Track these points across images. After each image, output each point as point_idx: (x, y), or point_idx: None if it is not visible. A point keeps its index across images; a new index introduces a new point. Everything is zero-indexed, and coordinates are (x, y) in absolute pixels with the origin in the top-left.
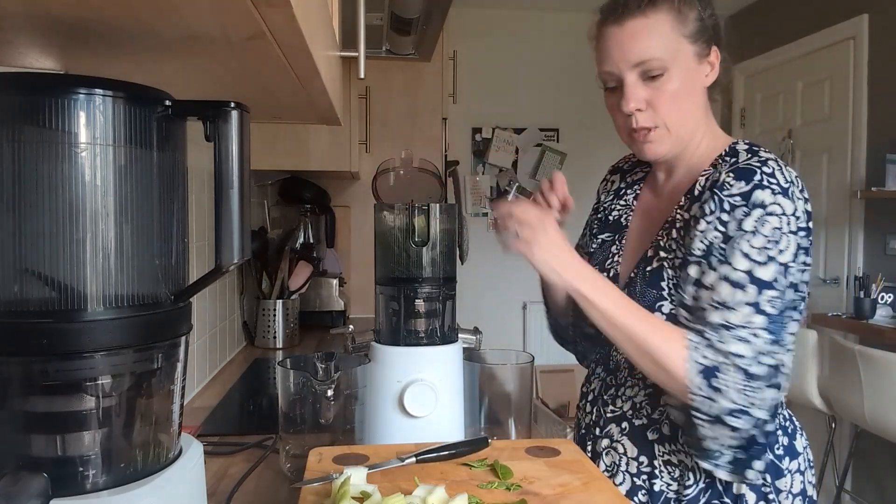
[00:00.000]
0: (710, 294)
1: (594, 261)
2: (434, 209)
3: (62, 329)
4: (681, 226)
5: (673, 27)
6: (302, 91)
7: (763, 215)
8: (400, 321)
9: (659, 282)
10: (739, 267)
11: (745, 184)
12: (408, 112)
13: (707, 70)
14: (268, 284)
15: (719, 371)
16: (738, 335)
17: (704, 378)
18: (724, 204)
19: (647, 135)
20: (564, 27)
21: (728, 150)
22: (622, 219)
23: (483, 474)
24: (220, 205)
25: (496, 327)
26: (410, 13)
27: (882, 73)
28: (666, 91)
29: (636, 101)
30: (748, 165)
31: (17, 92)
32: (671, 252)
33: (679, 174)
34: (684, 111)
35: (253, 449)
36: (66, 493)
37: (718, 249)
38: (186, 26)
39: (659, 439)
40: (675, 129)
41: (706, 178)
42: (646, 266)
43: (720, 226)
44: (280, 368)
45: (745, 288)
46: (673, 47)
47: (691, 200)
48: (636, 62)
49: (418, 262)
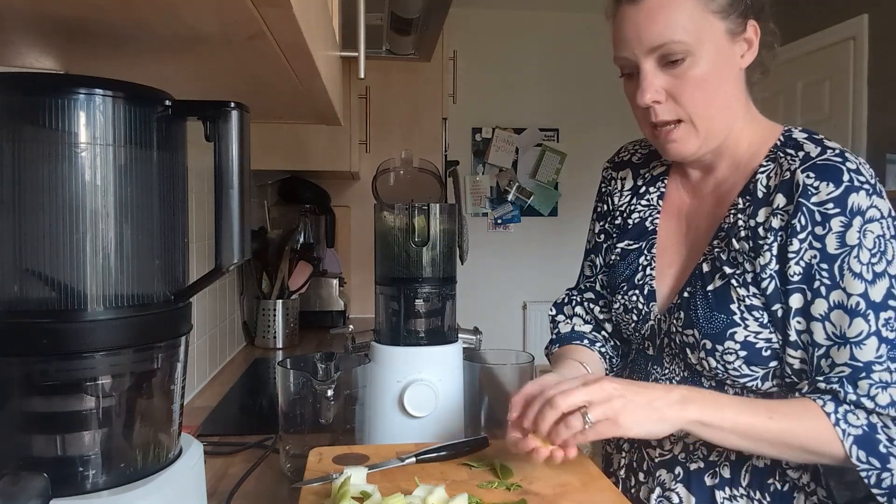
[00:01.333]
0: (825, 327)
1: (616, 274)
2: (434, 209)
3: (62, 329)
4: (746, 234)
5: (698, 3)
6: (302, 91)
7: (863, 224)
8: (400, 321)
9: (728, 304)
10: (854, 291)
11: (833, 186)
12: (408, 112)
13: (743, 49)
14: (268, 284)
15: (876, 433)
16: (878, 380)
17: (863, 449)
18: (815, 215)
19: (671, 132)
20: (564, 27)
21: (783, 139)
22: (647, 222)
23: (483, 474)
24: (220, 205)
25: (496, 327)
26: (410, 13)
27: (882, 73)
28: (690, 78)
29: (653, 92)
30: (828, 162)
31: (17, 92)
32: (737, 266)
33: (722, 171)
34: (714, 101)
35: (253, 449)
36: (66, 493)
37: (821, 270)
38: (186, 26)
39: (718, 484)
40: (702, 123)
41: (767, 174)
42: (705, 284)
43: (816, 242)
44: (280, 368)
45: (864, 316)
46: (698, 26)
47: (755, 203)
48: (653, 46)
49: (418, 262)
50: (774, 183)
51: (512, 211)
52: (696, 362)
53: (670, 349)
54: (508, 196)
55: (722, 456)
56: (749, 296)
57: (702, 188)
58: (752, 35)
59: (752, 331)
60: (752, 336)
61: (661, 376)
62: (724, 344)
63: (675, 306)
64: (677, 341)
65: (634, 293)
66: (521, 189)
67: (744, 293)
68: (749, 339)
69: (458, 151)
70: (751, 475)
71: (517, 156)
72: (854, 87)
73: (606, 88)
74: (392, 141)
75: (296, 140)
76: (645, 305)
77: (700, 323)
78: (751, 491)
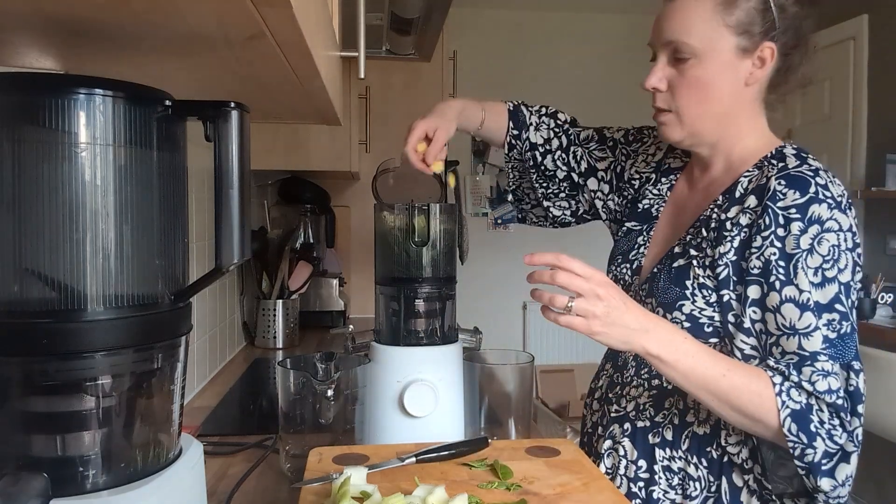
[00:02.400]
0: (776, 318)
1: (617, 249)
2: (434, 209)
3: (62, 329)
4: (715, 226)
5: (716, 13)
6: (302, 91)
7: (820, 233)
8: (400, 321)
9: (684, 280)
10: (805, 287)
11: (799, 195)
12: (408, 112)
13: (749, 67)
14: (268, 284)
15: (811, 413)
16: (820, 368)
17: (796, 423)
18: (779, 217)
19: (660, 116)
20: (565, 27)
21: (775, 152)
22: (653, 209)
23: (483, 474)
24: (220, 205)
25: (496, 327)
26: (410, 13)
27: (882, 73)
28: (689, 77)
29: (656, 79)
30: (800, 174)
31: (17, 92)
32: (701, 251)
33: (716, 170)
34: (703, 103)
35: (253, 449)
36: (66, 493)
37: (778, 267)
38: (186, 26)
39: (660, 443)
40: (688, 119)
41: (749, 179)
42: (671, 262)
43: (777, 241)
44: (280, 368)
45: (813, 311)
46: (709, 35)
47: (731, 201)
48: (667, 41)
49: (418, 262)
50: (751, 186)
51: (512, 211)
52: None
53: None
54: (508, 196)
55: (666, 419)
56: (703, 276)
57: (698, 184)
58: (766, 55)
59: (698, 306)
60: (697, 311)
61: None
62: (673, 314)
63: (646, 279)
64: None
65: (625, 266)
66: None
67: (700, 273)
68: (694, 314)
69: (458, 151)
70: (690, 441)
71: None
72: (854, 87)
73: (607, 88)
74: (392, 141)
75: (296, 140)
76: (630, 277)
77: (658, 293)
78: (689, 455)
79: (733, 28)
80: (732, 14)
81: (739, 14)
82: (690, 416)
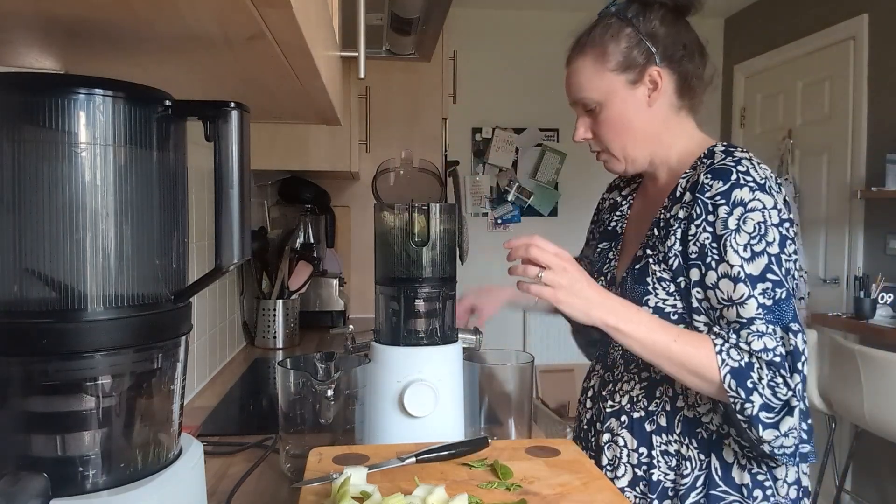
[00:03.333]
0: (716, 293)
1: (594, 268)
2: (434, 209)
3: (62, 329)
4: (663, 225)
5: (596, 66)
6: (302, 91)
7: (744, 213)
8: (400, 321)
9: (645, 277)
10: (735, 262)
11: (722, 183)
12: (408, 112)
13: (645, 91)
14: (268, 284)
15: (750, 371)
16: (756, 330)
17: (734, 379)
18: (707, 206)
19: (601, 157)
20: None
21: (706, 152)
22: (618, 227)
23: (483, 474)
24: (220, 205)
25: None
26: (410, 13)
27: (882, 73)
28: (603, 121)
29: (582, 132)
30: (723, 165)
31: (17, 92)
32: (655, 249)
33: (662, 179)
34: (624, 135)
35: (253, 449)
36: (66, 493)
37: (711, 249)
38: (186, 26)
39: (656, 430)
40: (619, 152)
41: (686, 179)
42: (635, 265)
43: (708, 227)
44: (280, 368)
45: (745, 282)
46: (598, 84)
47: (672, 201)
48: (574, 99)
49: (418, 262)
50: (689, 185)
51: (512, 211)
52: None
53: None
54: (508, 196)
55: (659, 406)
56: (660, 271)
57: (650, 195)
58: (655, 78)
59: (660, 298)
60: (661, 302)
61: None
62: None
63: (619, 284)
64: None
65: (602, 279)
66: (521, 189)
67: (656, 269)
68: (659, 305)
69: (458, 151)
70: (682, 424)
71: (517, 156)
72: (854, 87)
73: None
74: (392, 141)
75: (296, 140)
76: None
77: (626, 293)
78: (682, 437)
79: (616, 70)
80: (609, 61)
81: (616, 58)
82: (680, 402)
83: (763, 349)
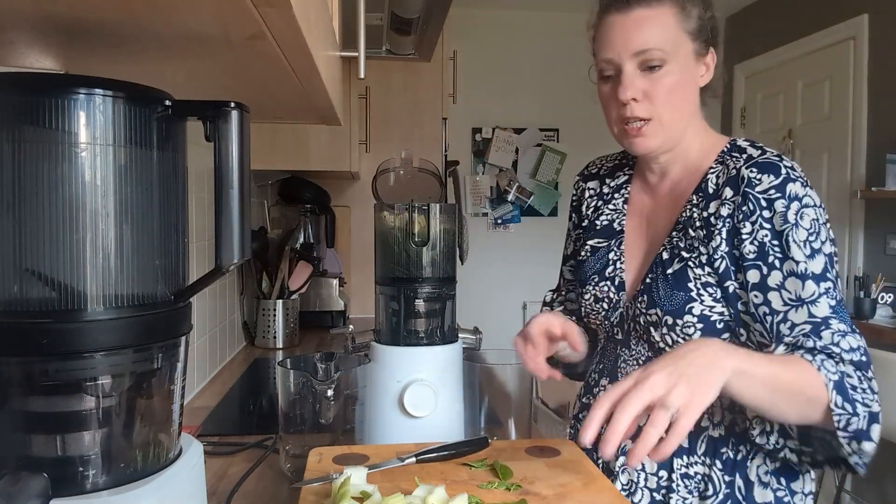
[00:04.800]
0: (781, 294)
1: (587, 268)
2: (434, 209)
3: (62, 329)
4: (700, 224)
5: (677, 21)
6: (302, 91)
7: (801, 208)
8: (400, 321)
9: (685, 283)
10: (800, 259)
11: (774, 177)
12: (408, 112)
13: (703, 70)
14: (268, 284)
15: (846, 378)
16: (838, 329)
17: (840, 394)
18: (760, 201)
19: (641, 128)
20: (564, 27)
21: (730, 146)
22: (615, 223)
23: (483, 474)
24: (220, 205)
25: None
26: (410, 13)
27: (882, 73)
28: (663, 84)
29: (633, 90)
30: (767, 160)
31: (17, 92)
32: (693, 251)
33: (676, 173)
34: (678, 107)
35: (253, 449)
36: (66, 493)
37: (773, 246)
38: (186, 26)
39: (677, 452)
40: (668, 123)
41: (716, 174)
42: (664, 269)
43: (765, 223)
44: (280, 368)
45: (813, 279)
46: (674, 41)
47: (706, 197)
48: (637, 51)
49: (418, 262)
50: (723, 180)
51: (512, 211)
52: (659, 339)
53: (636, 332)
54: (508, 196)
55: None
56: (704, 274)
57: (659, 191)
58: (710, 61)
59: (707, 305)
60: (707, 310)
61: (629, 357)
62: (684, 318)
63: (639, 292)
64: (642, 322)
65: (606, 284)
66: (521, 189)
67: (699, 272)
68: (705, 313)
69: (458, 151)
70: (706, 444)
71: (517, 156)
72: (854, 87)
73: None
74: (392, 141)
75: (296, 140)
76: (616, 294)
77: (661, 301)
78: (706, 458)
79: (691, 34)
80: (689, 21)
81: (695, 21)
82: (705, 421)
83: (850, 349)
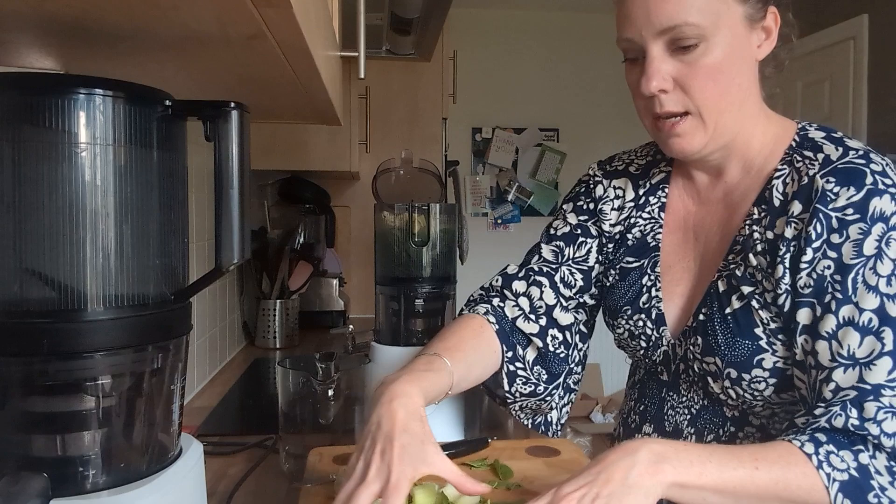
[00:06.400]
0: (830, 346)
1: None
2: (434, 209)
3: (62, 329)
4: (763, 248)
5: None
6: (302, 91)
7: (887, 232)
8: (400, 321)
9: (752, 329)
10: (867, 306)
11: (854, 190)
12: (408, 112)
13: (761, 38)
14: (268, 284)
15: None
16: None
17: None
18: (832, 222)
19: (676, 125)
20: (564, 27)
21: (799, 139)
22: (648, 237)
23: (483, 474)
24: (220, 205)
25: None
26: (410, 13)
27: (882, 73)
28: (701, 66)
29: (660, 80)
30: (850, 164)
31: (17, 92)
32: (756, 285)
33: (733, 174)
34: (727, 93)
35: (253, 449)
36: (66, 493)
37: (834, 284)
38: (186, 26)
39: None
40: (712, 117)
41: (783, 180)
42: (722, 306)
43: (830, 251)
44: (280, 368)
45: (879, 333)
46: (714, 9)
47: (771, 212)
48: (663, 28)
49: (418, 262)
50: (792, 189)
51: (512, 211)
52: (720, 391)
53: (687, 376)
54: (508, 196)
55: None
56: (772, 317)
57: (710, 195)
58: (771, 24)
59: (780, 356)
60: (781, 362)
61: (678, 404)
62: (752, 372)
63: (690, 330)
64: (696, 369)
65: (640, 318)
66: (521, 189)
67: (766, 316)
68: (779, 366)
69: (458, 151)
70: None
71: (517, 156)
72: (854, 87)
73: (606, 88)
74: (392, 141)
75: (296, 140)
76: (654, 331)
77: (722, 350)
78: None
79: None
80: None
81: None
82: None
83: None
